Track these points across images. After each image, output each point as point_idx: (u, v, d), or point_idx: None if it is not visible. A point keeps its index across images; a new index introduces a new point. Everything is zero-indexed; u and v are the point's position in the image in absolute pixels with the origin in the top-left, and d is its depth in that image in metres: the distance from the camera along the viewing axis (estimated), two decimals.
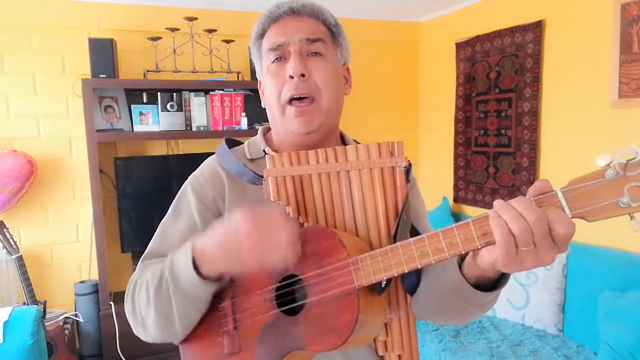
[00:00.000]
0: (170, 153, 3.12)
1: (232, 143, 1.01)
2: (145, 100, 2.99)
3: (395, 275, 0.69)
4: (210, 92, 3.02)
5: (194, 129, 2.99)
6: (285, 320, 0.76)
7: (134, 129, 2.92)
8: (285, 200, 0.83)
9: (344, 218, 0.83)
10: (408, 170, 0.84)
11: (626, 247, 2.26)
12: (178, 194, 0.96)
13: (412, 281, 0.85)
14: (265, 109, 0.96)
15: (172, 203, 0.96)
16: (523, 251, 0.60)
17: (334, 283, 0.72)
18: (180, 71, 2.94)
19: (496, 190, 3.07)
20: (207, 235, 0.76)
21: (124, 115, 2.96)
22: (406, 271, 0.69)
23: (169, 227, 0.93)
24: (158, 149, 3.12)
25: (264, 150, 0.95)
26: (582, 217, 0.60)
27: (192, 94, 2.99)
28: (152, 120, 2.93)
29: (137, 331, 0.85)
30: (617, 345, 1.95)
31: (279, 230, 0.71)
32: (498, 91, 3.01)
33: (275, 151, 0.94)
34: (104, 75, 2.71)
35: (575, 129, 2.56)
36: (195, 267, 0.75)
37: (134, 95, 2.99)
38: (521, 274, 2.49)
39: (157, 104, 2.92)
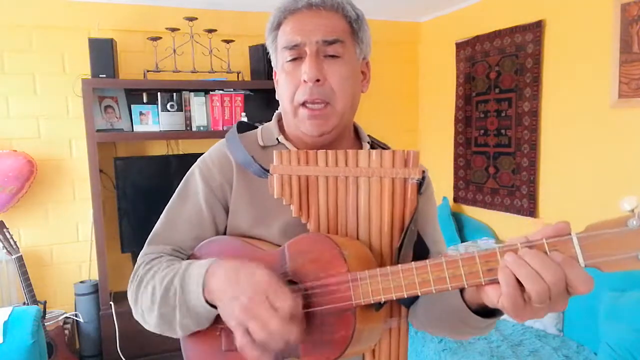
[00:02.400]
0: (170, 153, 3.12)
1: (245, 127, 0.98)
2: (145, 100, 2.99)
3: (394, 299, 0.68)
4: (210, 92, 3.02)
5: (194, 129, 2.99)
6: None
7: (134, 129, 2.92)
8: (288, 199, 0.82)
9: (347, 225, 0.81)
10: (421, 183, 0.81)
11: None
12: (186, 176, 0.94)
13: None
14: (277, 100, 0.92)
15: (179, 185, 0.94)
16: (537, 306, 0.57)
17: (332, 297, 0.71)
18: (180, 71, 2.94)
19: (496, 191, 3.07)
20: (222, 270, 0.74)
21: (124, 115, 2.96)
22: (405, 297, 0.67)
23: (175, 211, 0.91)
24: (158, 149, 3.11)
25: (277, 139, 0.93)
26: (597, 267, 0.56)
27: (192, 94, 2.99)
28: (152, 120, 2.93)
29: (137, 319, 0.85)
30: (617, 345, 1.95)
31: (281, 320, 0.66)
32: (498, 91, 3.01)
33: (289, 140, 0.92)
34: (104, 75, 2.71)
35: (575, 129, 2.55)
36: (204, 295, 0.74)
37: (134, 95, 2.99)
38: None
39: (157, 104, 2.92)
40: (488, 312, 0.70)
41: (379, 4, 3.19)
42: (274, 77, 0.94)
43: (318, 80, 0.83)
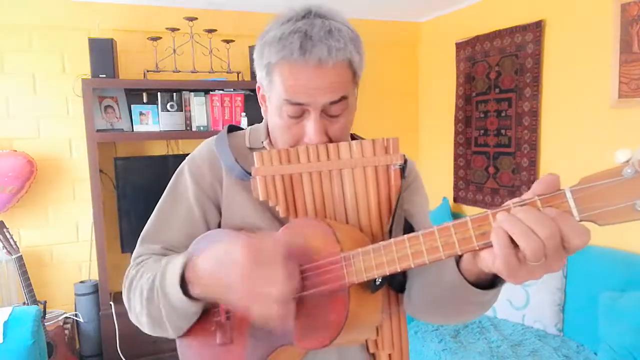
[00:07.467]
0: (170, 153, 3.12)
1: (235, 129, 0.98)
2: (145, 100, 2.99)
3: (387, 274, 0.67)
4: (210, 92, 3.02)
5: (194, 129, 2.99)
6: None
7: (134, 129, 2.92)
8: (274, 199, 0.81)
9: (335, 218, 0.82)
10: (404, 168, 0.81)
11: (626, 247, 2.26)
12: (175, 174, 0.93)
13: (398, 278, 0.83)
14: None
15: (169, 184, 0.93)
16: (532, 265, 0.55)
17: (325, 278, 0.70)
18: (180, 71, 2.94)
19: (496, 191, 3.07)
20: (204, 256, 0.73)
21: (124, 115, 2.96)
22: (399, 270, 0.65)
23: (165, 209, 0.91)
24: (158, 149, 3.11)
25: (262, 142, 0.92)
26: (592, 220, 0.54)
27: (192, 94, 2.99)
28: (152, 120, 2.93)
29: (134, 321, 0.85)
30: (617, 345, 1.95)
31: (278, 278, 0.65)
32: (498, 91, 3.01)
33: (275, 146, 0.91)
34: (104, 75, 2.71)
35: (575, 129, 2.56)
36: (185, 286, 0.74)
37: (134, 95, 2.99)
38: None
39: (157, 104, 2.92)
40: (488, 285, 0.67)
41: (379, 4, 3.19)
42: (257, 92, 0.91)
43: None
